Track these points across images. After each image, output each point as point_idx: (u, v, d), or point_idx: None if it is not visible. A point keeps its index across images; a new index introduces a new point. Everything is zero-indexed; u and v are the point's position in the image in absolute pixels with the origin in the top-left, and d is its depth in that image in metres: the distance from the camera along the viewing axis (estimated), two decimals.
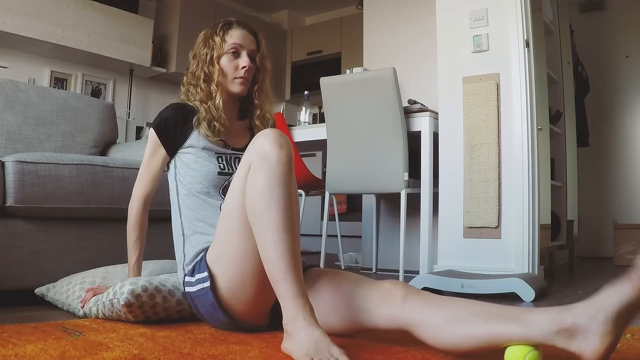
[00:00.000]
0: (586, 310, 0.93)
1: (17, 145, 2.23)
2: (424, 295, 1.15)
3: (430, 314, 1.10)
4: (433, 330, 1.08)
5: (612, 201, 4.64)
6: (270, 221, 1.13)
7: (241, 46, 1.49)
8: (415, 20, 3.44)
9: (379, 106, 2.72)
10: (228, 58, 1.48)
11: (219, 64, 1.47)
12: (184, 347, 1.15)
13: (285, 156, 1.17)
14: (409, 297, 1.14)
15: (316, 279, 1.29)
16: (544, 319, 0.96)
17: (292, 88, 6.00)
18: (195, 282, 1.34)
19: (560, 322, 0.94)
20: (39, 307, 1.74)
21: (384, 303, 1.16)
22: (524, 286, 2.12)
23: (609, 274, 3.33)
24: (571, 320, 0.93)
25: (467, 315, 1.06)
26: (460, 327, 1.05)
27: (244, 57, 1.48)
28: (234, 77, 1.48)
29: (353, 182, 2.84)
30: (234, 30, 1.50)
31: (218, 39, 1.48)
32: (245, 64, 1.47)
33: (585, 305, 0.93)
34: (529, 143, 2.41)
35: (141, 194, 1.50)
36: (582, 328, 0.92)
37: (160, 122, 1.47)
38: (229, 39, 1.48)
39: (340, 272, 1.31)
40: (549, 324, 0.95)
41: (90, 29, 4.30)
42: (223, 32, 1.49)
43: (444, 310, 1.09)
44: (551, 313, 0.97)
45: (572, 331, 0.93)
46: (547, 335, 0.95)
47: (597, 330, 0.91)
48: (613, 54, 4.73)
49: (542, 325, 0.96)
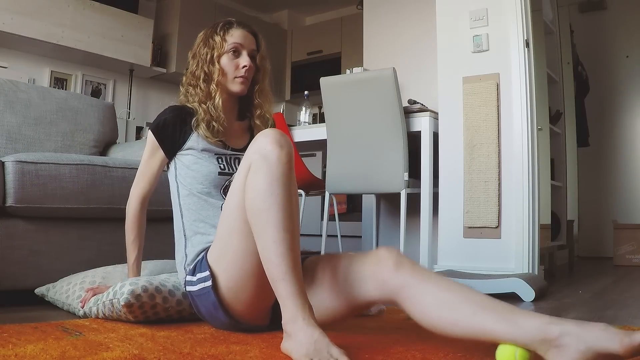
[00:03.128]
0: (574, 332, 0.94)
1: (17, 145, 2.23)
2: (417, 268, 1.15)
3: (420, 290, 1.10)
4: (420, 308, 1.09)
5: (612, 201, 4.64)
6: (270, 221, 1.13)
7: (242, 45, 1.49)
8: (415, 20, 3.44)
9: (379, 106, 2.72)
10: (228, 57, 1.48)
11: (219, 63, 1.47)
12: (184, 347, 1.15)
13: (285, 156, 1.17)
14: (401, 265, 1.14)
15: (314, 268, 1.30)
16: (533, 325, 0.97)
17: (292, 88, 5.99)
18: (197, 281, 1.34)
19: (547, 333, 0.95)
20: (39, 307, 1.74)
21: (376, 269, 1.16)
22: (524, 286, 2.12)
23: (609, 274, 3.33)
24: (557, 334, 0.94)
25: (459, 302, 1.06)
26: (448, 313, 1.06)
27: (244, 57, 1.49)
28: (235, 77, 1.48)
29: (353, 182, 2.84)
30: (234, 29, 1.50)
31: (218, 38, 1.48)
32: (246, 63, 1.47)
33: (575, 328, 0.95)
34: (529, 143, 2.41)
35: (139, 193, 1.51)
36: (563, 346, 0.94)
37: (158, 124, 1.47)
38: (230, 38, 1.48)
39: (335, 254, 1.31)
40: (536, 331, 0.96)
41: (90, 29, 4.30)
42: (224, 31, 1.49)
43: (436, 290, 1.09)
44: (541, 321, 0.98)
45: (554, 345, 0.94)
46: (531, 341, 0.97)
47: (572, 356, 0.92)
48: (613, 54, 4.74)
49: (530, 331, 0.97)
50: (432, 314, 1.08)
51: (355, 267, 1.21)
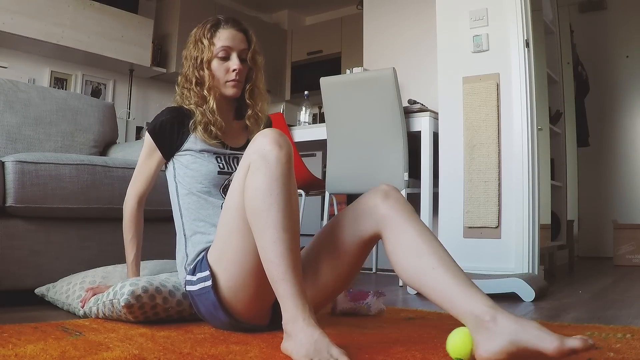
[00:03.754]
0: (515, 323, 0.96)
1: (17, 145, 2.23)
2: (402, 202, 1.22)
3: (400, 229, 1.18)
4: (394, 248, 1.18)
5: (612, 201, 4.64)
6: (269, 221, 1.13)
7: (230, 48, 1.46)
8: (415, 20, 3.44)
9: (379, 106, 2.72)
10: (218, 62, 1.46)
11: (209, 68, 1.45)
12: (184, 347, 1.15)
13: (284, 156, 1.16)
14: (389, 195, 1.23)
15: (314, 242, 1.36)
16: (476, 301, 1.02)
17: (292, 88, 5.99)
18: (197, 281, 1.34)
19: (483, 314, 0.99)
20: (39, 307, 1.74)
21: (369, 197, 1.25)
22: (524, 286, 2.12)
23: (609, 274, 3.33)
24: (490, 318, 0.98)
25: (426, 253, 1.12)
26: (414, 260, 1.13)
27: (234, 60, 1.46)
28: (226, 81, 1.47)
29: (353, 182, 2.84)
30: (221, 31, 1.46)
31: (206, 41, 1.45)
32: (235, 67, 1.45)
33: (517, 321, 0.97)
34: (529, 143, 2.41)
35: (135, 193, 1.51)
36: (496, 331, 0.97)
37: (155, 126, 1.47)
38: (217, 41, 1.45)
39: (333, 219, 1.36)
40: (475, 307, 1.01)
41: (90, 29, 4.30)
42: (211, 34, 1.46)
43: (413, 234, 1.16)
44: (485, 303, 1.01)
45: (485, 326, 0.98)
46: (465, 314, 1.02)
47: (501, 342, 0.95)
48: (613, 54, 4.74)
49: (470, 304, 1.02)
50: (401, 257, 1.16)
51: (353, 206, 1.28)
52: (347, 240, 1.28)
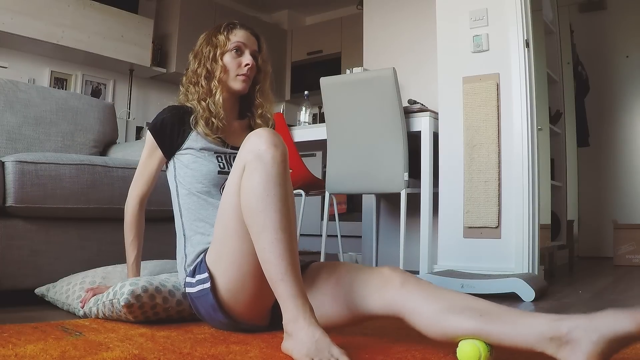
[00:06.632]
0: (583, 325, 0.93)
1: (17, 145, 2.23)
2: (423, 283, 1.16)
3: (426, 302, 1.10)
4: (427, 318, 1.09)
5: (612, 201, 4.63)
6: (267, 222, 1.12)
7: (245, 45, 1.51)
8: (415, 20, 3.44)
9: (379, 106, 2.72)
10: (231, 55, 1.50)
11: (222, 60, 1.49)
12: (184, 347, 1.15)
13: (280, 156, 1.16)
14: (407, 282, 1.15)
15: (316, 275, 1.30)
16: (541, 323, 0.96)
17: (292, 88, 5.99)
18: (196, 283, 1.34)
19: (556, 330, 0.94)
20: (39, 307, 1.74)
21: (382, 287, 1.17)
22: (524, 286, 2.12)
23: (608, 274, 3.33)
24: (566, 330, 0.93)
25: (463, 307, 1.06)
26: (454, 318, 1.05)
27: (247, 55, 1.51)
28: (237, 75, 1.50)
29: (353, 182, 2.84)
30: (237, 30, 1.52)
31: (222, 37, 1.50)
32: (248, 62, 1.49)
33: (584, 320, 0.93)
34: (529, 143, 2.41)
35: (137, 193, 1.51)
36: (574, 341, 0.92)
37: (156, 124, 1.48)
38: (233, 37, 1.50)
39: (338, 263, 1.32)
40: (544, 330, 0.95)
41: (90, 29, 4.30)
42: (227, 31, 1.51)
43: (441, 300, 1.09)
44: (548, 319, 0.97)
45: (564, 341, 0.93)
46: (539, 340, 0.95)
47: (586, 348, 0.91)
48: (613, 54, 4.73)
49: (538, 330, 0.96)
50: (438, 322, 1.07)
51: (360, 283, 1.21)
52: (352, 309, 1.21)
